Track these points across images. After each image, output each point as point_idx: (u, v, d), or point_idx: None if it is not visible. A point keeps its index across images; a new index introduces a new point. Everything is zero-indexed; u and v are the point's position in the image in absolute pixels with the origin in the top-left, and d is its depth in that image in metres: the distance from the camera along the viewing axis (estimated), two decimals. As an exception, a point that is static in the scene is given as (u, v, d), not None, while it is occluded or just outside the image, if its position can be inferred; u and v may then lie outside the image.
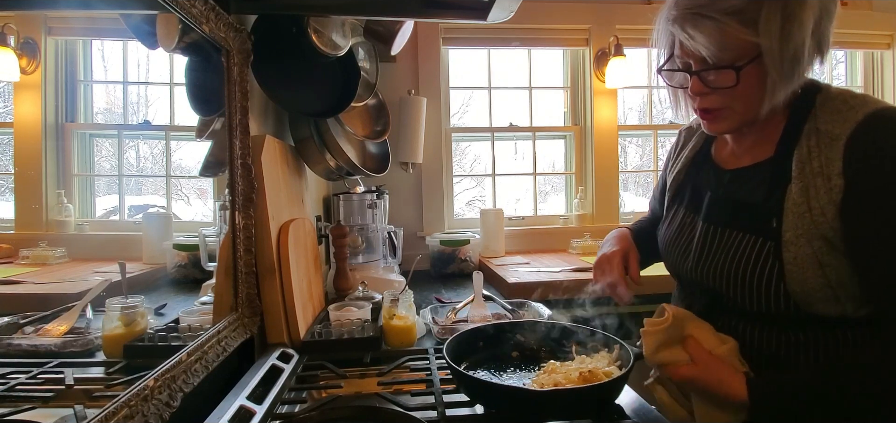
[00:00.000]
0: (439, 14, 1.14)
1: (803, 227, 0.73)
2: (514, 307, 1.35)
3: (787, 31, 0.70)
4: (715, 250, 0.85)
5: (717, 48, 0.73)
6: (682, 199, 0.97)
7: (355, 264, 1.66)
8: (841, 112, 0.73)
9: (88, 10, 0.76)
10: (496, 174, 2.63)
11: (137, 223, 0.89)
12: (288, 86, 1.27)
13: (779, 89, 0.73)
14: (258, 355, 1.00)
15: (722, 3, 0.71)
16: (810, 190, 0.73)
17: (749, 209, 0.81)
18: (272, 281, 1.04)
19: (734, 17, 0.71)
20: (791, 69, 0.72)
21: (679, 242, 0.94)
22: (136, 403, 0.59)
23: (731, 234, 0.82)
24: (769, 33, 0.70)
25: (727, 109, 0.78)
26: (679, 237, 0.95)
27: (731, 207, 0.84)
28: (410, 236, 2.35)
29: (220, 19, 0.89)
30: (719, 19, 0.71)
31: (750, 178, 0.83)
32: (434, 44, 2.41)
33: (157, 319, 0.84)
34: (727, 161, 0.90)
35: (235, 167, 0.96)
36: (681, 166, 0.99)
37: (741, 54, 0.73)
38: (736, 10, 0.71)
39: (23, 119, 0.65)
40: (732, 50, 0.73)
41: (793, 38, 0.70)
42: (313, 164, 1.38)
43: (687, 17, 0.74)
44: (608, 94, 2.52)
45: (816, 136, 0.74)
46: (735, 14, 0.71)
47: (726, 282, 0.82)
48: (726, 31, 0.71)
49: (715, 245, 0.85)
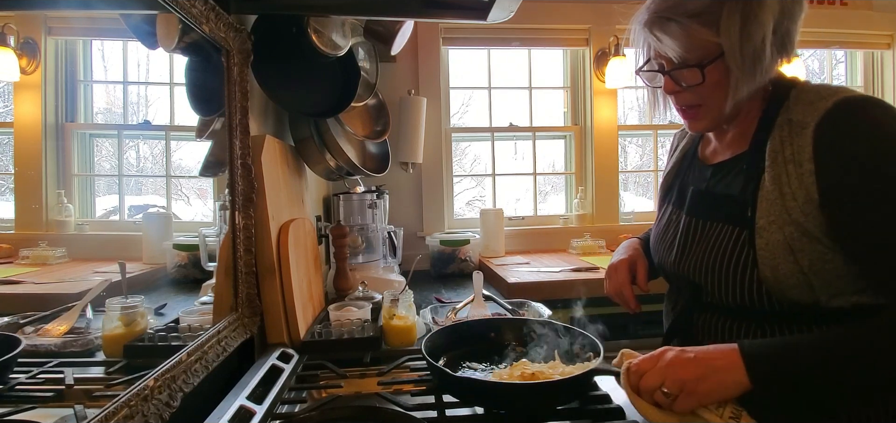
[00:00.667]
0: (439, 14, 1.14)
1: (775, 213, 0.75)
2: (514, 307, 1.35)
3: (746, 32, 0.73)
4: (696, 243, 0.87)
5: (682, 49, 0.77)
6: (671, 197, 1.00)
7: (355, 264, 1.66)
8: (812, 102, 0.75)
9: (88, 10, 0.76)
10: (496, 174, 2.63)
11: (137, 223, 0.89)
12: (288, 86, 1.27)
13: (741, 85, 0.76)
14: (258, 355, 1.00)
15: (685, 7, 0.76)
16: (782, 177, 0.75)
17: (728, 201, 0.83)
18: (272, 281, 1.04)
19: (696, 20, 0.75)
20: (752, 66, 0.75)
21: (665, 237, 0.97)
22: (136, 403, 0.60)
23: (712, 226, 0.84)
24: (729, 33, 0.74)
25: (702, 106, 0.82)
26: (665, 233, 0.97)
27: (712, 200, 0.86)
28: (410, 236, 2.35)
29: (220, 19, 0.89)
30: (683, 22, 0.76)
31: (729, 171, 0.85)
32: (434, 44, 2.41)
33: (157, 319, 0.84)
34: (710, 158, 0.93)
35: (235, 167, 0.96)
36: (671, 167, 1.03)
37: (705, 54, 0.76)
38: (698, 12, 0.75)
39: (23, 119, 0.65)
40: (697, 50, 0.77)
41: (752, 38, 0.73)
42: (313, 164, 1.38)
43: (655, 20, 0.79)
44: (608, 94, 2.52)
45: (788, 126, 0.76)
46: (697, 16, 0.75)
47: (705, 273, 0.84)
48: (690, 33, 0.76)
49: (696, 238, 0.87)
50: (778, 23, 0.75)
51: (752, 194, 0.78)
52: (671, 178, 1.02)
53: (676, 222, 0.94)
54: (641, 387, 0.70)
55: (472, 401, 0.79)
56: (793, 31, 0.78)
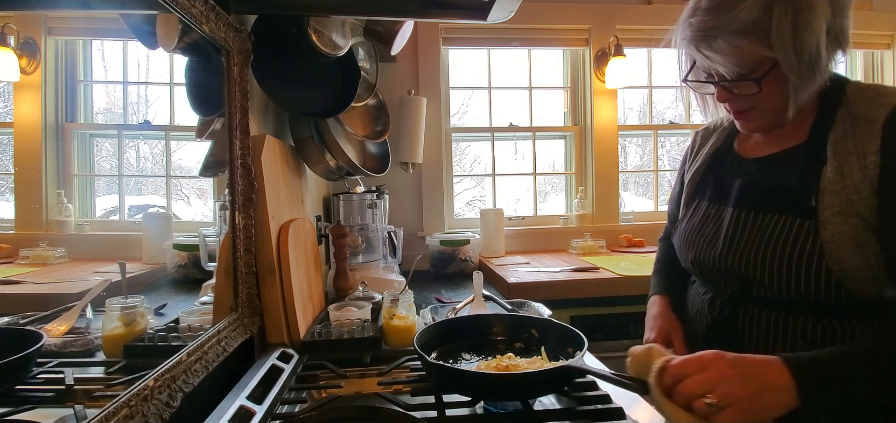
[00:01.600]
0: (439, 14, 1.13)
1: (839, 205, 0.75)
2: (514, 307, 1.35)
3: (799, 40, 0.73)
4: (748, 235, 0.85)
5: (733, 65, 0.77)
6: (704, 192, 0.98)
7: (355, 264, 1.66)
8: (874, 99, 0.77)
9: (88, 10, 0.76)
10: (496, 174, 2.63)
11: (137, 223, 0.89)
12: (288, 86, 1.27)
13: (801, 91, 0.76)
14: (258, 355, 1.00)
15: (731, 25, 0.74)
16: (845, 169, 0.75)
17: (783, 192, 0.82)
18: (272, 281, 1.04)
19: (745, 37, 0.74)
20: (810, 72, 0.75)
21: (704, 232, 0.94)
22: (136, 403, 0.60)
23: (765, 217, 0.83)
24: (782, 46, 0.73)
25: (757, 109, 0.83)
26: (703, 228, 0.94)
27: (763, 192, 0.85)
28: (410, 236, 2.35)
29: (220, 19, 0.89)
30: (731, 39, 0.74)
31: (780, 163, 0.85)
32: (434, 44, 2.41)
33: (157, 319, 0.84)
34: (752, 151, 0.92)
35: (235, 167, 0.96)
36: (700, 164, 1.01)
37: (758, 66, 0.76)
38: (746, 29, 0.74)
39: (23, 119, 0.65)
40: (749, 64, 0.76)
41: (806, 46, 0.73)
42: (313, 164, 1.38)
43: (700, 38, 0.78)
44: (608, 94, 2.52)
45: (851, 120, 0.77)
46: (746, 33, 0.74)
47: (761, 266, 0.81)
48: (740, 50, 0.75)
49: (747, 230, 0.85)
50: (831, 24, 0.75)
51: (813, 185, 0.78)
52: (702, 174, 1.00)
53: (717, 216, 0.92)
54: (679, 391, 0.66)
55: (451, 389, 0.82)
56: (846, 25, 0.77)
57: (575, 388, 0.83)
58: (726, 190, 0.92)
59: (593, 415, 0.76)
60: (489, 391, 0.80)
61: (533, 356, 0.91)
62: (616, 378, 0.73)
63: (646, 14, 2.49)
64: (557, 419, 0.77)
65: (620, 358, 1.76)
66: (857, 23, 0.73)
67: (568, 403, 0.83)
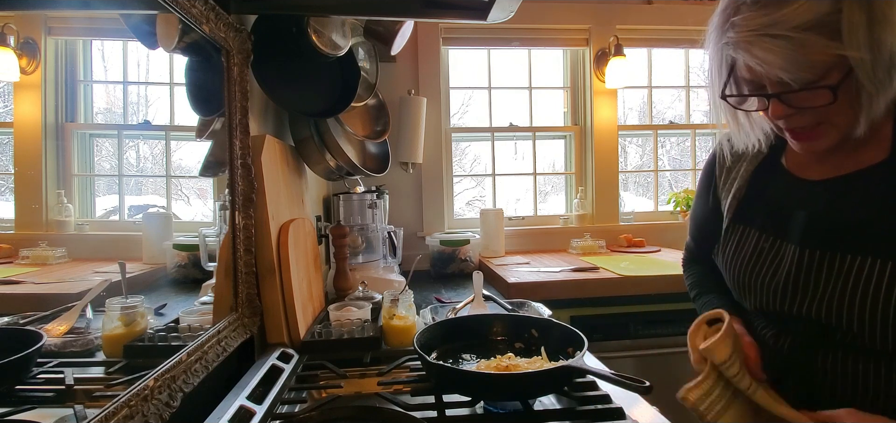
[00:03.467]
0: (439, 14, 1.13)
1: None
2: (514, 307, 1.35)
3: (876, 37, 0.61)
4: (824, 281, 0.72)
5: (798, 68, 0.63)
6: (750, 219, 0.83)
7: (355, 264, 1.66)
8: None
9: (88, 10, 0.76)
10: (496, 174, 2.63)
11: (137, 223, 0.89)
12: (288, 86, 1.27)
13: (877, 101, 0.64)
14: (258, 355, 1.00)
15: (794, 19, 0.62)
16: None
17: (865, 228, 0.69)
18: (272, 281, 1.04)
19: (813, 31, 0.61)
20: (888, 76, 0.62)
21: (759, 270, 0.80)
22: (136, 403, 0.60)
23: (844, 259, 0.70)
24: (856, 43, 0.60)
25: (823, 124, 0.68)
26: (757, 264, 0.81)
27: (837, 227, 0.71)
28: (410, 236, 2.35)
29: (220, 19, 0.89)
30: (795, 36, 0.61)
31: (854, 188, 0.71)
32: (434, 44, 2.41)
33: (157, 319, 0.84)
34: (809, 169, 0.78)
35: (235, 167, 0.96)
36: (742, 183, 0.86)
37: (831, 70, 0.63)
38: (813, 23, 0.61)
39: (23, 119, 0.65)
40: (817, 67, 0.63)
41: (884, 44, 0.61)
42: (313, 164, 1.38)
43: (753, 40, 0.64)
44: (608, 94, 2.52)
45: None
46: (813, 28, 0.61)
47: (848, 317, 0.69)
48: (807, 48, 0.62)
49: (822, 275, 0.72)
50: None
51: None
52: (744, 196, 0.85)
53: (775, 252, 0.79)
54: None
55: (451, 389, 0.82)
56: None
57: (575, 388, 0.83)
58: (783, 220, 0.78)
59: (593, 415, 0.75)
60: (489, 391, 0.80)
61: (533, 356, 0.91)
62: (616, 378, 0.72)
63: (646, 14, 2.49)
64: (557, 419, 0.77)
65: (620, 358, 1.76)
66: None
67: (568, 403, 0.83)
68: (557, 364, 0.80)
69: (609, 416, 0.75)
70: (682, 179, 2.81)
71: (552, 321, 0.99)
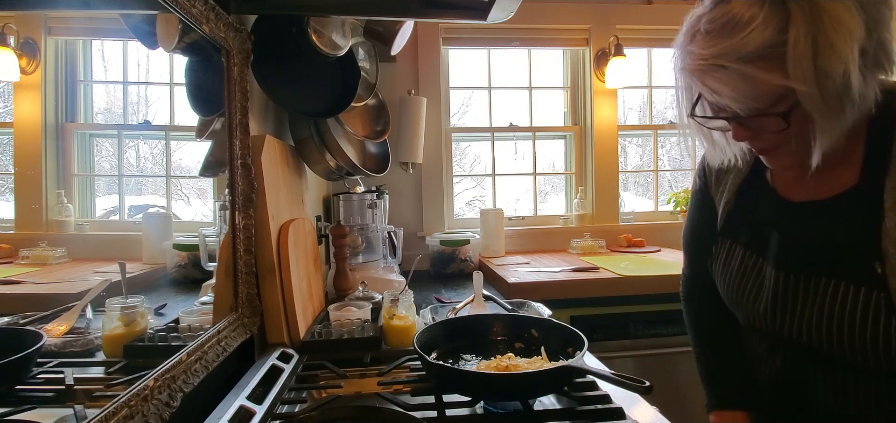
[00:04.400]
0: (439, 14, 1.13)
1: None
2: (514, 307, 1.35)
3: (822, 67, 0.58)
4: (800, 303, 0.72)
5: (747, 99, 0.63)
6: (736, 234, 0.83)
7: (355, 264, 1.66)
8: None
9: (88, 10, 0.76)
10: (496, 174, 2.63)
11: (137, 223, 0.89)
12: (288, 86, 1.27)
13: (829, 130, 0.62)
14: (258, 355, 1.00)
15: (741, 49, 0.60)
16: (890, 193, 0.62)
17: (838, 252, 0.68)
18: (272, 281, 1.04)
19: (759, 63, 0.60)
20: (839, 104, 0.60)
21: (744, 287, 0.81)
22: (136, 403, 0.60)
23: (819, 282, 0.70)
24: (801, 77, 0.59)
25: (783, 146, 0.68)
26: (743, 282, 0.81)
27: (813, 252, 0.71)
28: (410, 236, 2.35)
29: (220, 19, 0.89)
30: (741, 69, 0.61)
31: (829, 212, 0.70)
32: (434, 44, 2.41)
33: (157, 319, 0.84)
34: (792, 189, 0.77)
35: (235, 167, 0.96)
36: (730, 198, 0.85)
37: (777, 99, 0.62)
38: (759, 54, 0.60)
39: (23, 119, 0.65)
40: (765, 97, 0.62)
41: (831, 72, 0.58)
42: (313, 164, 1.38)
43: (705, 69, 0.64)
44: (608, 94, 2.52)
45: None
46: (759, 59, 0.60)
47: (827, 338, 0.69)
48: (754, 81, 0.61)
49: (798, 297, 0.72)
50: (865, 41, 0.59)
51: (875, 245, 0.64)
52: (731, 209, 0.85)
53: (757, 272, 0.79)
54: None
55: (451, 389, 0.82)
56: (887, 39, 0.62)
57: (575, 388, 0.82)
58: (763, 240, 0.78)
59: (593, 415, 0.75)
60: (489, 391, 0.80)
61: (533, 356, 0.91)
62: (616, 378, 0.72)
63: (646, 14, 2.49)
64: (557, 419, 0.77)
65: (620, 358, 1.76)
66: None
67: (568, 403, 0.83)
68: (557, 364, 0.80)
69: (609, 416, 0.75)
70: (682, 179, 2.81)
71: (552, 321, 0.99)
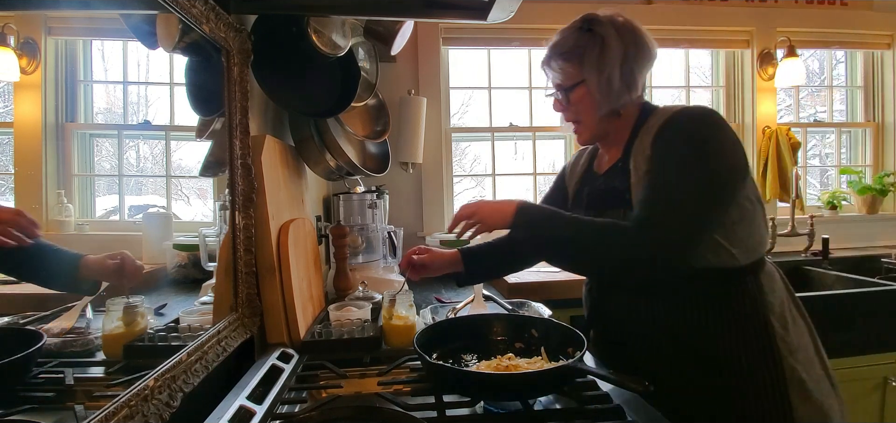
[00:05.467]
0: (439, 14, 1.14)
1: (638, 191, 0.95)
2: (514, 307, 1.35)
3: (600, 67, 0.98)
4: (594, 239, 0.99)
5: (560, 80, 1.05)
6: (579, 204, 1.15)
7: (355, 264, 1.66)
8: (659, 115, 0.98)
9: (88, 10, 0.76)
10: (496, 174, 2.63)
11: (137, 223, 0.89)
12: (288, 86, 1.27)
13: (602, 105, 1.00)
14: (258, 355, 1.00)
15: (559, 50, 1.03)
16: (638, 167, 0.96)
17: (613, 193, 1.02)
18: (272, 281, 1.04)
19: (568, 59, 1.02)
20: (607, 91, 0.99)
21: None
22: (136, 403, 0.60)
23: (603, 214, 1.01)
24: (590, 68, 0.99)
25: (581, 121, 1.06)
26: None
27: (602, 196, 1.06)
28: (410, 236, 2.35)
29: (220, 19, 0.89)
30: (559, 61, 1.03)
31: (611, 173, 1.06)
32: (434, 44, 2.41)
33: (157, 319, 0.84)
34: (600, 169, 1.13)
35: (235, 167, 0.96)
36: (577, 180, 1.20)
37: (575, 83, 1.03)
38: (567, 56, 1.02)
39: (23, 119, 0.65)
40: (571, 80, 1.03)
41: (604, 71, 0.98)
42: (313, 164, 1.38)
43: (546, 60, 1.07)
44: (608, 94, 2.51)
45: (643, 133, 0.99)
46: (568, 57, 1.02)
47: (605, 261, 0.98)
48: (564, 69, 1.03)
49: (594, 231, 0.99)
50: (623, 63, 0.98)
51: (626, 184, 0.98)
52: (577, 187, 1.19)
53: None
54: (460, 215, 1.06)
55: (451, 389, 0.82)
56: (636, 72, 0.99)
57: (575, 388, 0.83)
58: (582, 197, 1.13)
59: (593, 415, 0.76)
60: (489, 391, 0.80)
61: (533, 356, 0.91)
62: (616, 378, 0.73)
63: (646, 14, 2.49)
64: (557, 419, 0.77)
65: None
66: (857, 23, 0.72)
67: (568, 403, 0.83)
68: (557, 364, 0.80)
69: (609, 416, 0.75)
70: (682, 179, 2.81)
71: (552, 321, 0.99)
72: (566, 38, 1.03)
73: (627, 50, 0.98)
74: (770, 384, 0.88)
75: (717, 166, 0.89)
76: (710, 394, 0.90)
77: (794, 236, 2.40)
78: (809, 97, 3.00)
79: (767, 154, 2.56)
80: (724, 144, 0.91)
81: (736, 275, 0.91)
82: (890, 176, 2.71)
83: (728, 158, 0.91)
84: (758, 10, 2.60)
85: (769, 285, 0.93)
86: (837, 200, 2.73)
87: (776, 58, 2.59)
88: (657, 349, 0.94)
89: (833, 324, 1.76)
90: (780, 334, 0.89)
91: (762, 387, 0.88)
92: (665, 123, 0.95)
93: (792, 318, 0.94)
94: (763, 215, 0.97)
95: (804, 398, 0.88)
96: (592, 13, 1.02)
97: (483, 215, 1.03)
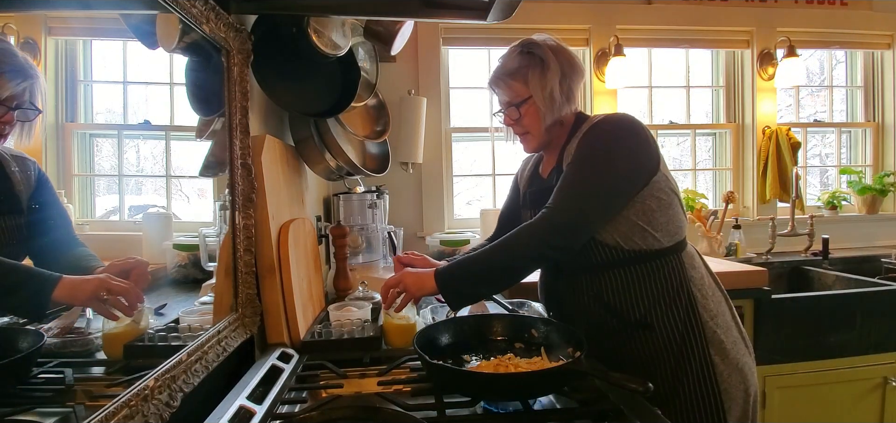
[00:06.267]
0: (439, 14, 1.14)
1: None
2: (514, 307, 1.35)
3: (542, 83, 1.11)
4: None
5: (509, 97, 1.17)
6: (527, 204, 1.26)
7: (355, 264, 1.66)
8: (589, 121, 1.12)
9: (88, 10, 0.76)
10: (496, 174, 2.63)
11: (137, 223, 0.89)
12: (288, 86, 1.27)
13: (547, 117, 1.12)
14: (258, 355, 1.00)
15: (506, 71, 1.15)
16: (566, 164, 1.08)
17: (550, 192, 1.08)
18: (272, 281, 1.04)
19: (514, 78, 1.14)
20: (550, 105, 1.11)
21: None
22: (136, 403, 0.60)
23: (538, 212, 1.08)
24: (534, 86, 1.12)
25: (529, 133, 1.18)
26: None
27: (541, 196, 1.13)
28: (410, 236, 2.35)
29: (220, 19, 0.89)
30: (507, 81, 1.15)
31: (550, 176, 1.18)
32: (434, 44, 2.41)
33: (157, 319, 0.84)
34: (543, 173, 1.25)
35: (235, 167, 0.96)
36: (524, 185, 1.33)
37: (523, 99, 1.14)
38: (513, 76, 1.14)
39: (23, 119, 0.65)
40: (519, 96, 1.15)
41: (546, 88, 1.11)
42: (313, 164, 1.38)
43: (493, 81, 1.19)
44: (608, 94, 2.52)
45: (574, 139, 1.11)
46: (514, 76, 1.14)
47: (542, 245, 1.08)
48: (512, 87, 1.15)
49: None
50: (561, 80, 1.11)
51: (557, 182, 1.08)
52: (525, 190, 1.31)
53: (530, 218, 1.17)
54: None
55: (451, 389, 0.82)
56: (574, 87, 1.14)
57: (575, 388, 0.83)
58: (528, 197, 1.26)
59: (593, 415, 0.75)
60: (489, 391, 0.80)
61: (533, 356, 0.91)
62: (616, 378, 0.73)
63: (646, 14, 2.49)
64: (557, 419, 0.77)
65: (620, 358, 1.75)
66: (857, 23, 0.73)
67: (568, 403, 0.83)
68: (557, 364, 0.80)
69: (609, 416, 0.75)
70: (682, 179, 2.80)
71: (552, 321, 0.99)
72: (511, 60, 1.15)
73: (563, 68, 1.12)
74: (695, 344, 1.03)
75: (618, 167, 1.03)
76: (646, 355, 1.04)
77: (794, 236, 2.40)
78: (809, 97, 3.00)
79: (767, 154, 2.57)
80: (631, 147, 1.04)
81: (662, 255, 1.06)
82: (890, 176, 2.71)
83: (632, 160, 1.04)
84: (758, 10, 2.60)
85: (690, 262, 1.09)
86: (837, 201, 2.74)
87: (776, 58, 2.59)
88: (600, 321, 1.07)
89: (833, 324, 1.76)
90: (701, 303, 1.05)
91: (689, 347, 1.03)
92: (588, 129, 1.09)
93: (711, 289, 1.09)
94: (680, 204, 1.11)
95: (722, 355, 1.03)
96: (529, 39, 1.15)
97: (407, 285, 1.06)
